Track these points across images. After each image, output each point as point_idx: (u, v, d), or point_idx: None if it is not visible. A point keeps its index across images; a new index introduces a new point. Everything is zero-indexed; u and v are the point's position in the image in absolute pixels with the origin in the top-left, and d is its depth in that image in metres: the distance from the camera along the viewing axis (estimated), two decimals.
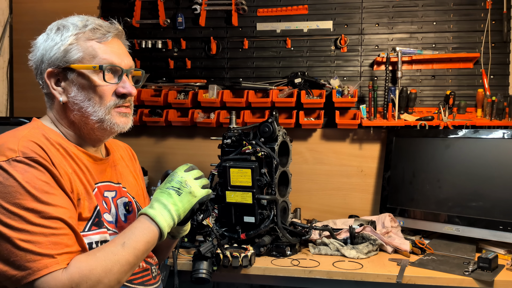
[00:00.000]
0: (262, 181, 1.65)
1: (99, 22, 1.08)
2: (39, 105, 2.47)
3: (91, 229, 1.02)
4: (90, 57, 1.04)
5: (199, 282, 1.50)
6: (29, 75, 2.51)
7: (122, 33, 1.12)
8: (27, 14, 2.52)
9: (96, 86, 1.04)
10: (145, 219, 1.04)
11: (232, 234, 1.69)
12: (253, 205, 1.64)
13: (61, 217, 0.91)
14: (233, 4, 2.28)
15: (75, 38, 1.05)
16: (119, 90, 1.07)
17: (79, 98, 1.05)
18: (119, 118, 1.08)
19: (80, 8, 2.48)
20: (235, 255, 1.54)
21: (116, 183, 1.18)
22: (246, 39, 2.31)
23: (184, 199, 1.09)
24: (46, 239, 0.88)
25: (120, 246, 0.96)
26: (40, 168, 0.93)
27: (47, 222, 0.89)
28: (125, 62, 1.08)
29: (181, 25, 2.35)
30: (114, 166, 1.21)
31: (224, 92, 2.25)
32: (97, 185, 1.10)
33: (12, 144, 0.94)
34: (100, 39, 1.05)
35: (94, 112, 1.05)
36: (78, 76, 1.05)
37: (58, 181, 0.95)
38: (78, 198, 1.00)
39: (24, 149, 0.94)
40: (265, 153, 1.67)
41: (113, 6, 2.43)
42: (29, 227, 0.87)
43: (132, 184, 1.27)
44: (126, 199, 1.19)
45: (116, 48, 1.08)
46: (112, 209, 1.13)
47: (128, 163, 1.32)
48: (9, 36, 2.55)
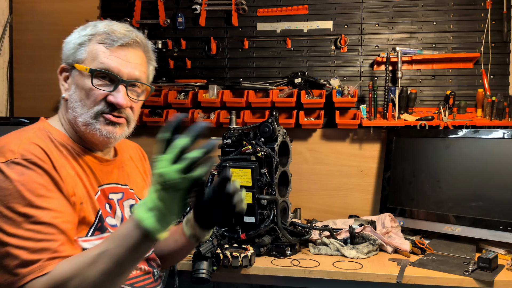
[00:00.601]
0: (262, 181, 1.65)
1: (116, 28, 1.05)
2: (39, 105, 2.51)
3: (94, 234, 1.01)
4: (91, 59, 1.03)
5: (199, 282, 1.50)
6: (29, 75, 2.55)
7: (138, 43, 1.08)
8: (27, 14, 2.52)
9: (88, 89, 1.03)
10: (130, 220, 0.88)
11: (232, 234, 1.69)
12: (253, 205, 1.64)
13: (53, 223, 0.90)
14: (233, 4, 2.28)
15: (88, 39, 1.04)
16: (109, 98, 1.03)
17: (73, 98, 1.05)
18: (104, 125, 1.04)
19: (80, 8, 2.48)
20: (235, 255, 1.54)
21: (123, 185, 1.17)
22: (246, 39, 2.31)
23: (167, 199, 0.83)
24: (35, 245, 0.87)
25: (100, 251, 0.86)
26: (38, 170, 0.92)
27: (38, 227, 0.88)
28: (127, 72, 1.04)
29: (181, 25, 2.35)
30: (122, 167, 1.20)
31: (224, 92, 2.25)
32: (101, 187, 1.09)
33: (14, 145, 0.94)
34: (109, 45, 1.03)
35: (82, 114, 1.03)
36: (78, 75, 1.04)
37: (57, 183, 0.94)
38: (80, 202, 0.99)
39: (24, 151, 0.93)
40: (265, 153, 1.67)
41: (113, 6, 2.43)
42: (20, 232, 0.87)
43: (140, 186, 1.25)
44: (133, 201, 1.18)
45: (122, 56, 1.04)
46: (117, 211, 1.11)
47: (138, 164, 1.30)
48: (9, 36, 2.55)
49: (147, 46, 1.12)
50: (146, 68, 1.12)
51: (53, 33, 2.43)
